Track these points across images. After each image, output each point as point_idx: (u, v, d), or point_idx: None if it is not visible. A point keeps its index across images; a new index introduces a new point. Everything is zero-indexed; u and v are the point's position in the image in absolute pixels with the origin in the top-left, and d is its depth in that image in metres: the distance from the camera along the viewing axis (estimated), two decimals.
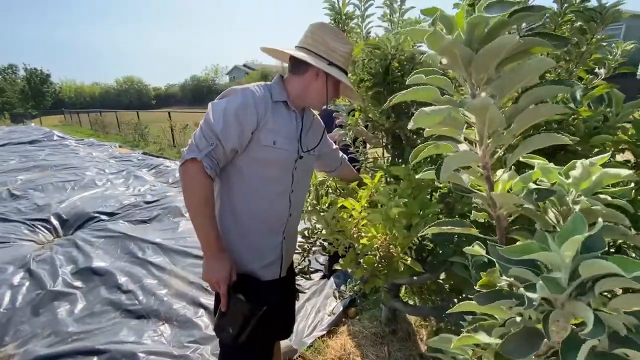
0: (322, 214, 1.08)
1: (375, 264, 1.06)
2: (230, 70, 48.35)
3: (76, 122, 18.85)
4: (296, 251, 1.30)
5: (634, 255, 0.65)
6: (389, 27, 1.44)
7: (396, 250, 0.97)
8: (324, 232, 1.05)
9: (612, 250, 0.74)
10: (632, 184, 0.61)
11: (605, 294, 0.40)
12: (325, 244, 1.33)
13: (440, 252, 1.12)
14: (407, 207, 0.91)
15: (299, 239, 1.30)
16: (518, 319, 0.45)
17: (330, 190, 1.47)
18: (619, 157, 0.90)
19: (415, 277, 1.10)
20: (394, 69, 1.34)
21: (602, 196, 0.45)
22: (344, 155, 1.46)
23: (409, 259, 0.97)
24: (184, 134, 8.45)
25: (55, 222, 3.33)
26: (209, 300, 2.05)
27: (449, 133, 0.44)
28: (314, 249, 1.34)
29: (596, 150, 0.86)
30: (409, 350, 1.66)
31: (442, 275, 1.17)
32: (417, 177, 0.62)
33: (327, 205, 1.34)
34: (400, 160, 1.57)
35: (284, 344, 1.69)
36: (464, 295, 1.32)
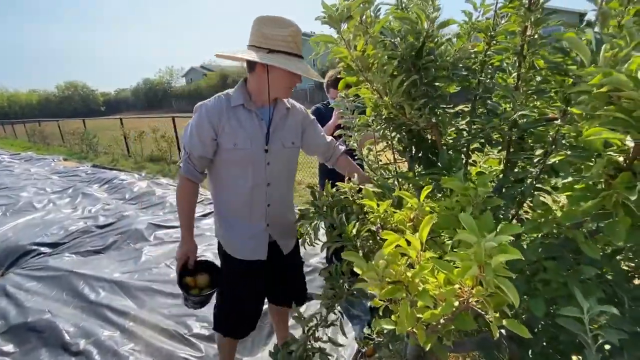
0: (370, 262, 0.74)
1: (442, 320, 0.74)
2: (187, 72, 46.17)
3: (11, 135, 16.77)
4: (321, 302, 0.98)
5: None
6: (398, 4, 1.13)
7: (489, 307, 0.66)
8: (375, 290, 0.71)
9: None
10: None
11: None
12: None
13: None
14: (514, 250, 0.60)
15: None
16: None
17: (349, 210, 1.13)
18: None
19: None
20: (427, 51, 1.03)
21: None
22: (341, 147, 1.42)
23: (507, 320, 0.66)
24: (141, 141, 7.65)
25: None
26: (190, 354, 1.63)
27: None
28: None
29: None
30: None
31: None
32: None
33: (355, 232, 1.01)
34: (421, 167, 1.28)
35: None
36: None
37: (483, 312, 0.68)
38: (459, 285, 0.68)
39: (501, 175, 1.18)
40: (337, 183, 1.17)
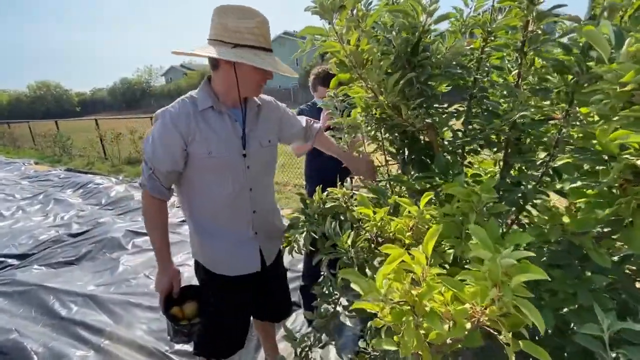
0: (369, 279, 0.66)
1: (449, 341, 0.68)
2: (167, 71, 45.07)
3: None
4: (314, 321, 0.90)
5: None
6: None
7: (503, 328, 0.60)
8: (376, 309, 0.63)
9: None
10: None
11: None
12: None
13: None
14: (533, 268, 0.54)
15: None
16: None
17: (342, 218, 1.06)
18: None
19: None
20: (422, 48, 0.97)
21: None
22: (317, 125, 1.35)
23: (524, 342, 0.60)
24: (117, 143, 7.35)
25: None
26: None
27: None
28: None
29: None
30: None
31: None
32: None
33: (349, 242, 0.93)
34: (414, 170, 1.22)
35: None
36: None
37: (495, 333, 0.61)
38: (470, 305, 0.61)
39: (496, 178, 1.14)
40: (328, 189, 1.09)
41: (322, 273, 1.91)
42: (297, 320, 1.88)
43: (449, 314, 0.63)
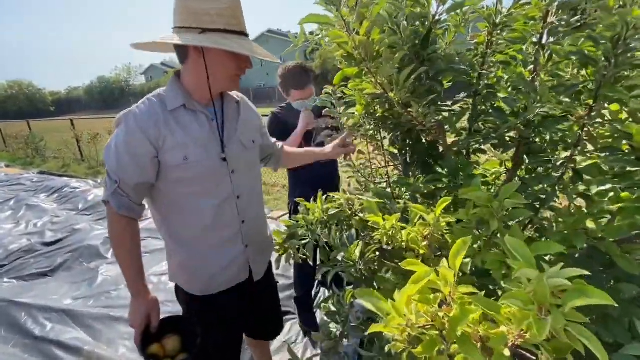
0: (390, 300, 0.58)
1: None
2: (146, 70, 43.94)
3: None
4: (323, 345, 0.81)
5: None
6: None
7: (548, 354, 0.53)
8: (399, 336, 0.55)
9: None
10: None
11: None
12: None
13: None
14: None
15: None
16: None
17: (346, 225, 0.97)
18: None
19: None
20: (431, 40, 0.90)
21: None
22: (280, 143, 1.26)
23: None
24: (95, 144, 7.05)
25: None
26: None
27: None
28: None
29: None
30: None
31: None
32: None
33: (358, 253, 0.84)
34: (418, 172, 1.15)
35: None
36: None
37: (533, 358, 0.55)
38: (508, 328, 0.54)
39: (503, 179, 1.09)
40: (329, 193, 1.01)
41: (316, 280, 1.82)
42: (292, 330, 1.80)
43: (478, 336, 0.55)
